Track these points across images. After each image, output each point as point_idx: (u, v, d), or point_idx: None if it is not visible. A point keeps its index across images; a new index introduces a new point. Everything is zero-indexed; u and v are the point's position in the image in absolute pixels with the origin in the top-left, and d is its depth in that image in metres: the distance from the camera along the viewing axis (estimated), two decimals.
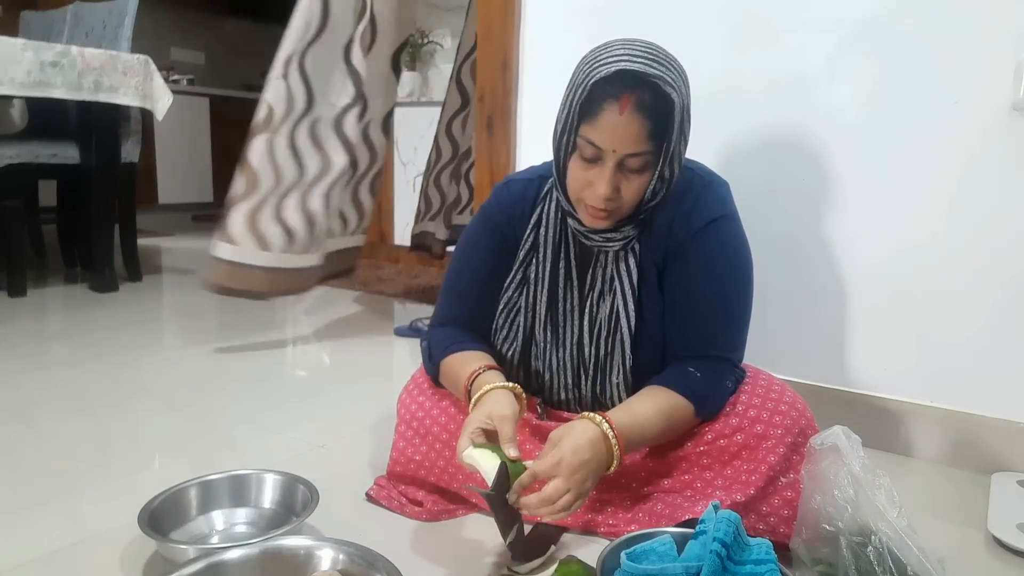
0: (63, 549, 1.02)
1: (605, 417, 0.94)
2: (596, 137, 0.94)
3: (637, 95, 0.92)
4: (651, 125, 0.93)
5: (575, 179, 1.00)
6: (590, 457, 0.90)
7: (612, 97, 0.92)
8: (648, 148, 0.95)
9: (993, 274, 1.32)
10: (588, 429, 0.93)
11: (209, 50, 5.99)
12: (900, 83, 1.36)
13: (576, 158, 0.99)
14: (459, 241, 1.21)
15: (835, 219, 1.45)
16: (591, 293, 1.10)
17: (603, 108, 0.93)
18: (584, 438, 0.91)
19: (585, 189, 0.99)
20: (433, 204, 2.71)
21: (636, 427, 0.96)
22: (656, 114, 0.93)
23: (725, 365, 1.05)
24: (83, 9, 3.02)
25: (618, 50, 0.95)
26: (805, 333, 1.51)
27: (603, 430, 0.93)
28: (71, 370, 1.85)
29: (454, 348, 1.11)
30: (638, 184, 0.98)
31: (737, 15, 1.49)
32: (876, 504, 0.87)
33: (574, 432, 0.92)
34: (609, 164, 0.95)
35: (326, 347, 2.20)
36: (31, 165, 2.60)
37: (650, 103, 0.92)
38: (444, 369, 1.11)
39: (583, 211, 1.02)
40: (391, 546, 0.92)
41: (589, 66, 0.96)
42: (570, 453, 0.89)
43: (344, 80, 2.04)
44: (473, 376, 1.03)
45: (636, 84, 0.92)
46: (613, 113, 0.92)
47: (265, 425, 1.51)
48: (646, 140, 0.94)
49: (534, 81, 1.80)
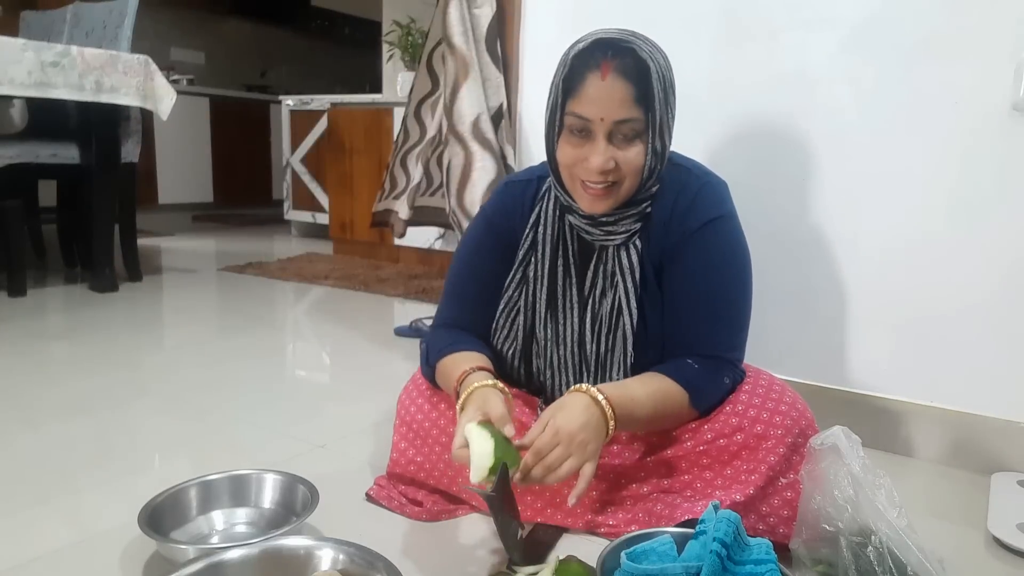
0: (63, 549, 1.02)
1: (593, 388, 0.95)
2: (583, 108, 0.96)
3: (617, 60, 0.95)
4: (634, 89, 0.95)
5: (567, 157, 1.00)
6: (586, 420, 0.91)
7: (593, 65, 0.95)
8: (636, 114, 0.96)
9: (993, 274, 1.32)
10: (577, 397, 0.94)
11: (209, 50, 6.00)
12: (900, 83, 1.36)
13: (566, 137, 1.00)
14: (460, 243, 1.22)
15: (835, 219, 1.45)
16: (592, 290, 1.10)
17: (585, 78, 0.95)
18: (575, 405, 0.93)
19: (578, 165, 0.99)
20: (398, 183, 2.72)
21: (626, 399, 0.97)
22: (638, 77, 0.95)
23: (724, 363, 1.05)
24: (83, 9, 3.02)
25: (593, 32, 1.00)
26: (805, 333, 1.51)
27: (592, 395, 0.94)
28: (71, 370, 1.85)
29: (449, 350, 1.11)
30: (633, 154, 0.98)
31: (737, 15, 1.49)
32: (876, 504, 0.87)
33: (564, 403, 0.94)
34: (600, 135, 0.96)
35: (326, 347, 2.20)
36: (31, 165, 2.60)
37: (631, 66, 0.95)
38: (439, 371, 1.11)
39: (581, 194, 1.02)
40: (391, 546, 0.92)
41: (568, 50, 1.00)
42: (565, 421, 0.90)
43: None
44: (463, 377, 1.03)
45: (615, 51, 0.96)
46: (596, 80, 0.95)
47: (265, 425, 1.51)
48: (632, 104, 0.95)
49: (534, 81, 1.80)
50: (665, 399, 1.01)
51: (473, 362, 1.06)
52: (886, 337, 1.43)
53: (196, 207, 5.39)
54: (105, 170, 2.72)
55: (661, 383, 1.02)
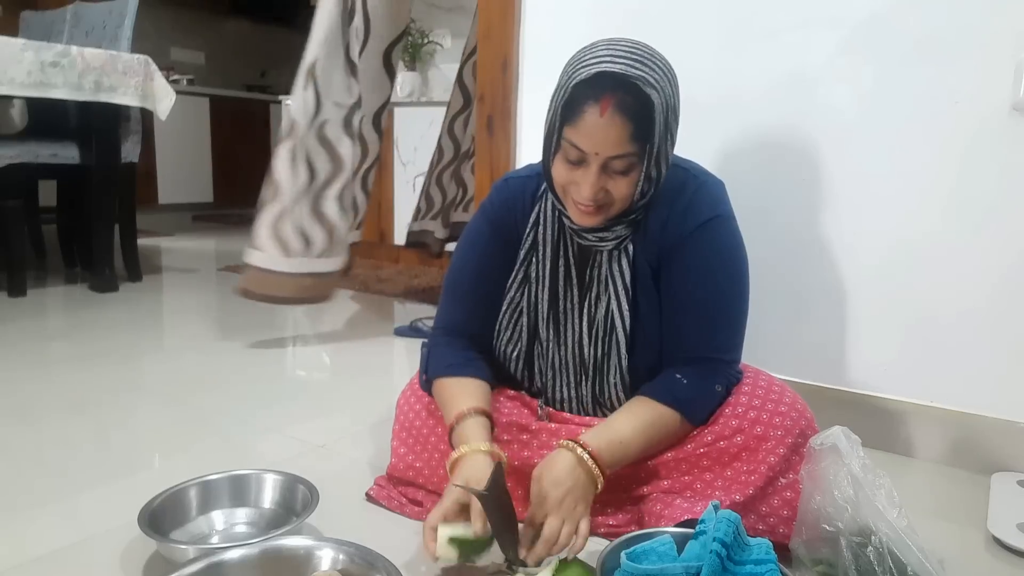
0: (63, 549, 1.02)
1: (579, 442, 0.95)
2: (579, 140, 0.94)
3: (617, 97, 0.91)
4: (633, 127, 0.92)
5: (560, 176, 1.00)
6: (572, 484, 0.92)
7: (592, 100, 0.92)
8: (631, 150, 0.94)
9: (993, 274, 1.32)
10: (563, 458, 0.94)
11: (209, 50, 5.99)
12: (900, 83, 1.36)
13: (561, 158, 0.99)
14: (459, 240, 1.21)
15: (834, 219, 1.45)
16: (589, 293, 1.10)
17: (584, 111, 0.92)
18: (561, 469, 0.93)
19: (570, 187, 0.99)
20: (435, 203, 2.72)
21: (615, 446, 0.97)
22: (638, 115, 0.92)
23: (719, 367, 1.05)
24: (83, 9, 3.02)
25: (601, 51, 0.94)
26: (805, 333, 1.51)
27: (577, 455, 0.94)
28: (71, 370, 1.85)
29: (450, 371, 1.10)
30: (624, 184, 0.98)
31: (736, 15, 1.49)
32: (876, 504, 0.87)
33: (551, 465, 0.94)
34: (593, 167, 0.95)
35: (326, 347, 2.20)
36: (31, 165, 2.60)
37: (631, 105, 0.92)
38: (437, 389, 1.11)
39: (572, 208, 1.02)
40: (391, 546, 0.92)
41: (572, 67, 0.96)
42: (552, 487, 0.91)
43: (346, 79, 2.04)
44: (460, 418, 1.01)
45: (616, 86, 0.91)
46: (594, 115, 0.92)
47: (265, 425, 1.51)
48: (628, 142, 0.93)
49: (534, 81, 1.80)
50: (655, 428, 1.01)
51: (472, 398, 1.04)
52: (886, 337, 1.43)
53: (196, 207, 5.39)
54: (105, 170, 2.72)
55: (649, 413, 1.01)
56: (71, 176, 2.89)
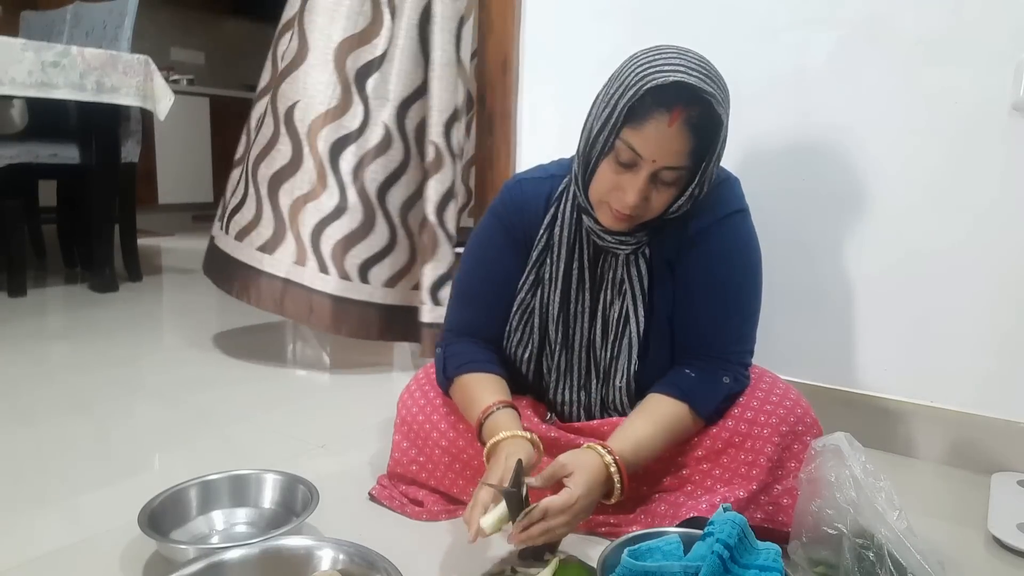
0: (63, 549, 1.02)
1: (610, 450, 0.94)
2: (638, 144, 0.92)
3: (689, 111, 0.90)
4: (695, 142, 0.92)
5: (604, 181, 0.98)
6: (597, 497, 0.93)
7: (664, 107, 0.90)
8: (687, 164, 0.94)
9: (993, 274, 1.32)
10: (597, 468, 0.93)
11: (209, 50, 5.99)
12: (900, 83, 1.36)
13: (610, 160, 0.96)
14: (469, 242, 1.20)
15: (834, 219, 1.45)
16: (602, 295, 1.09)
17: (652, 116, 0.90)
18: (594, 478, 0.92)
19: (612, 192, 0.97)
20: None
21: (641, 452, 0.98)
22: (703, 133, 0.92)
23: (730, 358, 1.05)
24: (83, 9, 3.02)
25: (674, 59, 0.92)
26: (805, 333, 1.51)
27: (609, 472, 0.93)
28: (71, 370, 1.85)
29: (468, 367, 1.10)
30: (666, 197, 0.97)
31: (736, 15, 1.49)
32: (876, 507, 0.87)
33: (586, 469, 0.92)
34: (643, 173, 0.94)
35: (326, 347, 2.20)
36: (31, 165, 2.60)
37: (700, 121, 0.91)
38: (457, 386, 1.10)
39: (604, 213, 1.00)
40: (391, 546, 0.92)
41: (643, 69, 0.92)
42: (584, 495, 0.90)
43: None
44: (488, 412, 1.02)
45: (691, 99, 0.90)
46: (662, 124, 0.90)
47: (265, 425, 1.51)
48: (687, 156, 0.93)
49: (534, 81, 1.80)
50: (673, 426, 1.01)
51: (496, 392, 1.05)
52: (886, 337, 1.43)
53: (196, 207, 5.39)
54: (105, 170, 2.72)
55: (666, 412, 1.01)
56: (71, 176, 2.89)
